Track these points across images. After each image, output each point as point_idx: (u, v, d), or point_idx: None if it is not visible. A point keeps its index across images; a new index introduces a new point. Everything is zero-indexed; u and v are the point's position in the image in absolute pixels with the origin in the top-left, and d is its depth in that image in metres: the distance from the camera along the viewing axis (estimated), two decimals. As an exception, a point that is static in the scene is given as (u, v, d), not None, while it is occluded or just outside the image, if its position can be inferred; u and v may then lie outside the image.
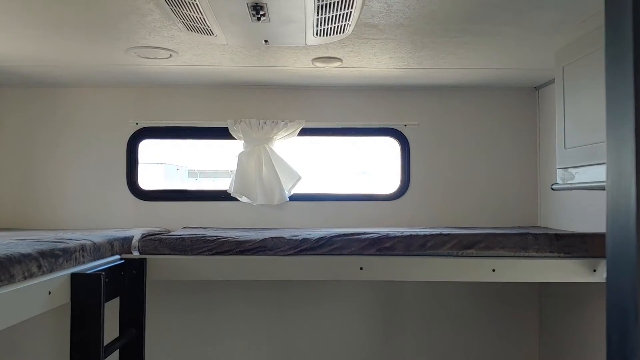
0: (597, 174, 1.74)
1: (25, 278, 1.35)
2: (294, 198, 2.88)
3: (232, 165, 2.83)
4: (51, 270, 1.49)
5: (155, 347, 2.79)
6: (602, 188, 1.77)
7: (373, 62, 2.37)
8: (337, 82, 2.75)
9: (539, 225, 2.87)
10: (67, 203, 2.87)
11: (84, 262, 1.71)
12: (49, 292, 1.44)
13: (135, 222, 2.84)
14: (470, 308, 2.89)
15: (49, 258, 1.48)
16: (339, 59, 2.32)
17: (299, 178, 2.82)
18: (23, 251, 1.38)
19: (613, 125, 1.04)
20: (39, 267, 1.42)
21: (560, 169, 2.01)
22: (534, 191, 2.90)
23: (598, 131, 1.69)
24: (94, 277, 1.59)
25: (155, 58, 2.32)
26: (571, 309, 2.58)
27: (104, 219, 2.85)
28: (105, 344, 1.67)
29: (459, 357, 2.88)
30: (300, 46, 2.11)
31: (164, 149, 3.13)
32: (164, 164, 3.60)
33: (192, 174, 3.84)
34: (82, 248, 1.71)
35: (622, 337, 1.01)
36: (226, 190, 2.84)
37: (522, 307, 2.89)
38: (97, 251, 1.83)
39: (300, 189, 2.88)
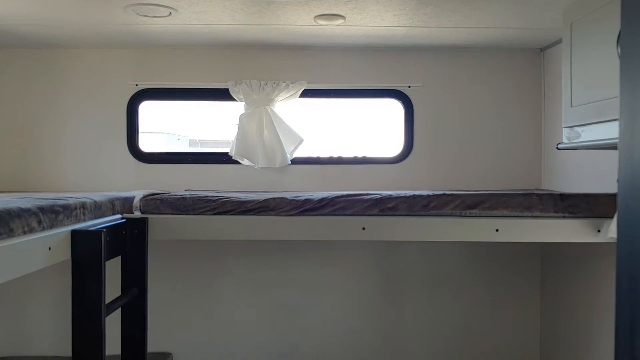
0: (604, 131, 1.71)
1: (25, 233, 1.34)
2: (296, 161, 2.86)
3: (233, 134, 2.80)
4: (51, 227, 1.48)
5: (157, 307, 2.80)
6: (609, 146, 1.74)
7: (377, 19, 2.32)
8: (340, 42, 2.70)
9: (542, 188, 2.85)
10: (67, 166, 2.86)
11: (84, 220, 1.70)
12: (49, 248, 1.43)
13: (136, 185, 2.82)
14: (472, 269, 2.90)
15: (49, 214, 1.47)
16: (342, 16, 2.27)
17: (301, 141, 2.80)
18: (23, 206, 1.36)
19: (627, 78, 1.01)
20: (39, 222, 1.41)
21: (566, 128, 1.98)
22: (538, 154, 2.88)
23: (607, 87, 1.66)
24: (95, 233, 1.58)
25: (155, 16, 2.28)
26: (573, 270, 2.58)
27: (104, 182, 2.84)
28: (107, 302, 1.67)
29: (460, 318, 2.90)
30: (303, 1, 2.06)
31: (165, 118, 3.10)
32: (166, 133, 3.58)
33: (193, 143, 3.82)
34: (83, 206, 1.70)
35: (632, 287, 0.99)
36: (227, 153, 2.82)
37: (524, 268, 2.89)
38: (98, 210, 1.81)
39: (302, 152, 2.86)
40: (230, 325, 2.88)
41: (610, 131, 1.68)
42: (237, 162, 2.83)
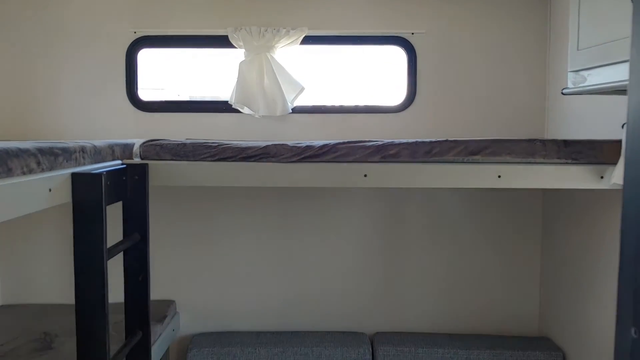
0: (611, 74, 1.68)
1: (24, 173, 1.33)
2: (297, 110, 2.83)
3: (233, 82, 2.76)
4: (51, 169, 1.46)
5: (159, 255, 2.82)
6: (615, 89, 1.71)
7: (380, -38, 2.25)
8: (342, -13, 2.64)
9: (546, 136, 2.83)
10: (65, 115, 2.83)
11: (84, 164, 1.68)
12: (49, 190, 1.42)
13: (136, 135, 2.79)
14: (473, 217, 2.91)
15: (48, 156, 1.45)
16: (344, -42, 2.21)
17: (302, 89, 2.76)
18: (21, 146, 1.35)
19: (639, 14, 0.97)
20: (38, 163, 1.40)
21: (571, 72, 1.94)
22: (542, 101, 2.84)
23: (616, 27, 1.62)
24: (95, 176, 1.56)
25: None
26: (574, 216, 2.59)
27: (103, 132, 2.81)
28: (108, 246, 1.67)
29: (460, 265, 2.93)
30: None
31: (164, 75, 3.04)
32: (165, 89, 3.54)
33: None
34: (82, 150, 1.68)
35: (637, 231, 0.98)
36: (227, 102, 2.79)
37: (526, 216, 2.91)
38: (98, 154, 1.80)
39: (303, 101, 2.83)
40: (232, 272, 2.91)
41: (617, 74, 1.64)
42: (237, 111, 2.80)
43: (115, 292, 2.07)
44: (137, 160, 2.02)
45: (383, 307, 2.95)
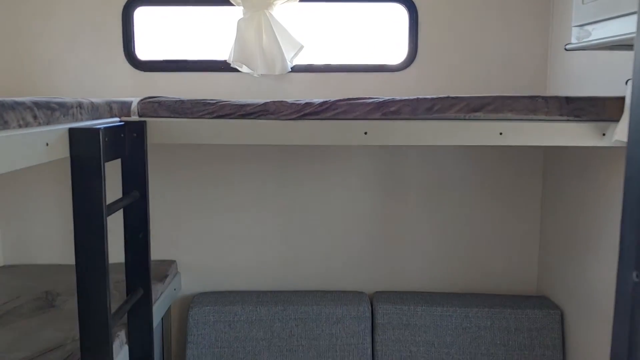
0: (617, 27, 1.65)
1: (20, 126, 1.32)
2: (296, 69, 2.80)
3: (232, 41, 2.71)
4: (47, 123, 1.45)
5: (159, 215, 2.84)
6: (620, 44, 1.69)
7: None
8: (342, -59, 2.58)
9: (548, 93, 2.81)
10: (61, 75, 2.80)
11: (81, 120, 1.67)
12: (47, 144, 1.41)
13: (134, 94, 2.76)
14: (472, 176, 2.91)
15: (45, 110, 1.43)
16: None
17: (301, 47, 2.72)
18: (17, 99, 1.33)
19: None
20: (35, 117, 1.38)
21: (575, 27, 1.91)
22: (544, 59, 2.80)
23: (622, -22, 1.58)
24: (93, 131, 1.55)
25: None
26: (575, 175, 2.58)
27: (100, 91, 2.79)
28: (108, 203, 1.66)
29: (460, 225, 2.93)
30: None
31: (162, 39, 2.98)
32: (164, 55, 3.48)
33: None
34: (80, 105, 1.66)
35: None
36: (226, 61, 2.75)
37: (526, 174, 2.90)
38: (95, 111, 1.78)
39: (302, 59, 2.79)
40: (232, 233, 2.92)
41: (624, 27, 1.61)
42: (236, 70, 2.77)
43: (116, 252, 2.08)
44: (135, 118, 2.00)
45: (382, 267, 2.97)
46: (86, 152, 1.55)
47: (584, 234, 2.51)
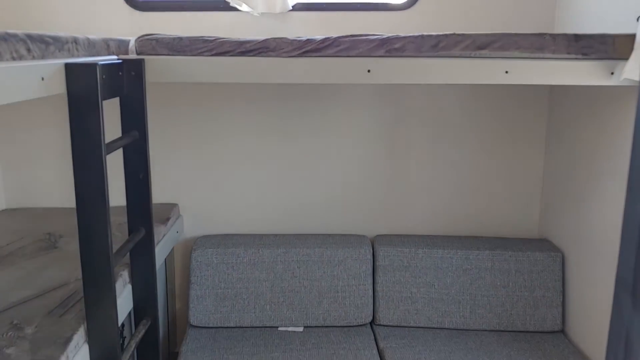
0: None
1: (14, 59, 1.28)
2: (298, 8, 2.73)
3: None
4: (42, 57, 1.41)
5: (159, 158, 2.83)
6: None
7: None
8: None
9: (555, 30, 2.74)
10: (56, 15, 2.73)
11: (77, 56, 1.62)
12: (42, 78, 1.38)
13: (131, 33, 2.70)
14: (476, 118, 2.88)
15: (39, 43, 1.39)
16: None
17: (303, -15, 2.65)
18: (9, 31, 1.29)
19: None
20: (28, 50, 1.34)
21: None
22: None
23: None
24: (90, 67, 1.51)
25: None
26: (581, 116, 2.55)
27: (98, 32, 2.72)
28: (107, 141, 1.64)
29: (462, 168, 2.92)
30: None
31: None
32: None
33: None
34: (75, 41, 1.62)
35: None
36: (225, -1, 2.68)
37: (530, 115, 2.87)
38: (92, 48, 1.73)
39: (303, -3, 2.72)
40: (233, 177, 2.91)
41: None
42: (235, 9, 2.70)
43: (118, 195, 2.08)
44: (132, 56, 1.95)
45: (384, 211, 2.97)
46: (83, 88, 1.51)
47: (588, 176, 2.49)
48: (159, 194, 2.88)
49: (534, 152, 2.90)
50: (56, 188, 2.87)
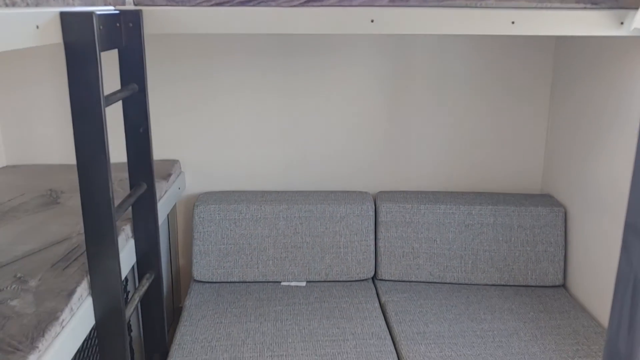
0: None
1: (6, 5, 1.24)
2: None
3: None
4: (36, 5, 1.37)
5: (159, 114, 2.80)
6: None
7: None
8: None
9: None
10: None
11: (73, 5, 1.58)
12: (37, 27, 1.34)
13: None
14: (479, 71, 2.84)
15: (32, -9, 1.35)
16: None
17: None
18: (1, -23, 1.25)
19: None
20: (22, -4, 1.30)
21: None
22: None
23: None
24: (86, 15, 1.47)
25: None
26: (587, 68, 2.50)
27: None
28: (106, 93, 1.61)
29: (465, 123, 2.89)
30: None
31: None
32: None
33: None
34: (70, -10, 1.57)
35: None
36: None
37: (535, 68, 2.83)
38: (87, -3, 1.69)
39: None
40: (235, 133, 2.88)
41: None
42: (235, -40, 2.63)
43: (118, 152, 2.06)
44: (130, 6, 1.91)
45: (386, 168, 2.96)
46: (80, 38, 1.48)
47: (593, 131, 2.47)
48: (160, 151, 2.86)
49: (538, 107, 2.86)
50: (57, 145, 2.85)
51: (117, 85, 1.90)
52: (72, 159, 2.79)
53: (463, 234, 2.70)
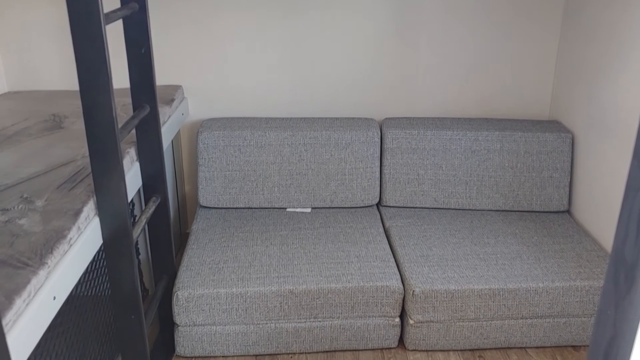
0: None
1: None
2: None
3: None
4: None
5: (161, 39, 2.75)
6: None
7: None
8: None
9: None
10: None
11: None
12: None
13: None
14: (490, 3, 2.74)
15: None
16: None
17: None
18: None
19: None
20: None
21: None
22: None
23: None
24: None
25: None
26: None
27: None
28: (105, 12, 1.57)
29: (473, 49, 2.82)
30: None
31: None
32: None
33: None
34: None
35: None
36: None
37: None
38: None
39: None
40: (240, 57, 2.83)
41: None
42: None
43: (120, 78, 2.02)
44: None
45: (393, 94, 2.91)
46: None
47: (604, 58, 2.41)
48: (162, 76, 2.82)
49: (548, 31, 2.79)
50: (58, 71, 2.81)
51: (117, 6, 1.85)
52: (74, 86, 2.75)
53: (469, 160, 2.69)
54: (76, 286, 1.78)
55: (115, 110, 1.57)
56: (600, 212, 2.46)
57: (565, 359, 2.24)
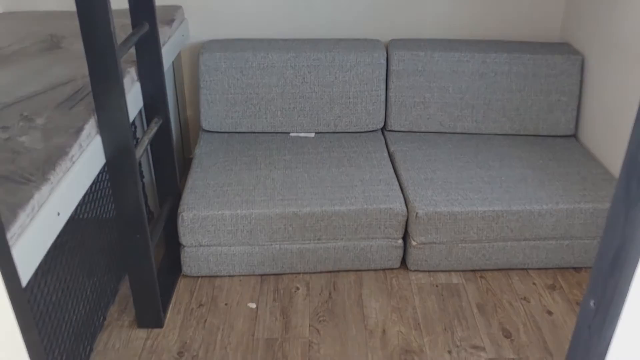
0: None
1: None
2: None
3: None
4: None
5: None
6: None
7: None
8: None
9: None
10: None
11: None
12: None
13: None
14: None
15: None
16: None
17: None
18: None
19: None
20: None
21: None
22: None
23: None
24: None
25: None
26: None
27: None
28: None
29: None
30: None
31: None
32: None
33: None
34: None
35: None
36: None
37: None
38: None
39: None
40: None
41: None
42: None
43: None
44: None
45: (399, 13, 2.81)
46: None
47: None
48: (162, -3, 2.73)
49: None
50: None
51: None
52: (71, 5, 2.67)
53: (476, 82, 2.63)
54: (81, 207, 1.79)
55: (113, 26, 1.52)
56: (608, 136, 2.43)
57: (566, 280, 2.27)
